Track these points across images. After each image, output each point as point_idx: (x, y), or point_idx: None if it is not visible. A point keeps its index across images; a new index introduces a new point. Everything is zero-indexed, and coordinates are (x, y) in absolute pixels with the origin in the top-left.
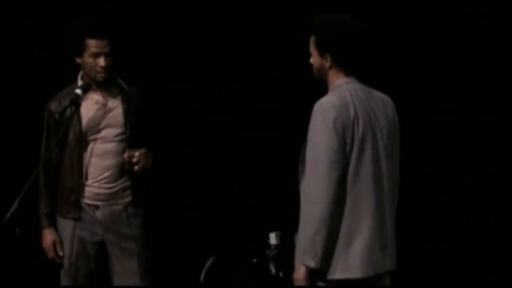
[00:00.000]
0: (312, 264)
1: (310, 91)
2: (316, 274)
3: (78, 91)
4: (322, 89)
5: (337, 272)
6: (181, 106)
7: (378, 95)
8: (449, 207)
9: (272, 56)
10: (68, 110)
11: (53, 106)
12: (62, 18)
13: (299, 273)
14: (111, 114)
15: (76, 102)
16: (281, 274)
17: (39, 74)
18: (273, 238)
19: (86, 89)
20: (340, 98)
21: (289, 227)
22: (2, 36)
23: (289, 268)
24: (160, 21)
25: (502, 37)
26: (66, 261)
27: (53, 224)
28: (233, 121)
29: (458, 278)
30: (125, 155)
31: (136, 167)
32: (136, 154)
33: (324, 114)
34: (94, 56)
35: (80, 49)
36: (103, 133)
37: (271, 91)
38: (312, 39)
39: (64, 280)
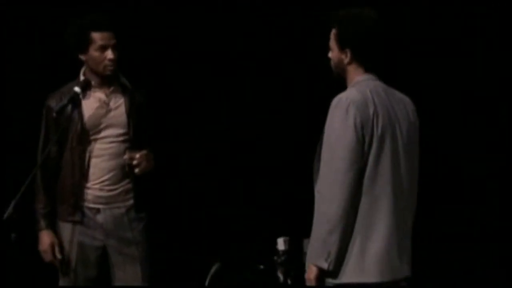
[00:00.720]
0: (325, 265)
1: (315, 92)
2: (328, 276)
3: (77, 89)
4: (325, 89)
5: (351, 275)
6: (185, 106)
7: (398, 94)
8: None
9: (276, 56)
10: (67, 108)
11: (52, 103)
12: (62, 17)
13: (311, 274)
14: (113, 113)
15: (75, 100)
16: (289, 281)
17: (39, 74)
18: (281, 244)
19: (85, 86)
20: (360, 94)
21: (298, 232)
22: (2, 36)
23: (298, 275)
24: (161, 21)
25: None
26: (65, 267)
27: (51, 226)
28: (239, 122)
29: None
30: (125, 157)
31: (136, 170)
32: (137, 155)
33: (342, 109)
34: (101, 49)
35: (85, 44)
36: (105, 132)
37: (275, 91)
38: (333, 32)
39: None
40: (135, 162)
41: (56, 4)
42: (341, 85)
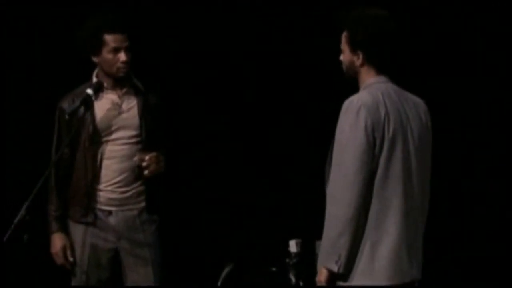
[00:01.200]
0: (335, 268)
1: (325, 92)
2: (339, 278)
3: (89, 91)
4: (330, 89)
5: (361, 278)
6: (196, 107)
7: (411, 97)
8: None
9: (276, 56)
10: (80, 110)
11: (65, 104)
12: (62, 18)
13: (321, 276)
14: (125, 115)
15: (87, 102)
16: (301, 283)
17: (39, 74)
18: (293, 246)
19: (98, 88)
20: (371, 97)
21: (310, 234)
22: (2, 36)
23: (310, 277)
24: (163, 21)
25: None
26: (77, 269)
27: (63, 229)
28: (248, 124)
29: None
30: (135, 159)
31: (145, 171)
32: (146, 157)
33: (353, 112)
34: (114, 51)
35: (98, 46)
36: (117, 134)
37: (283, 91)
38: (345, 34)
39: None
40: (144, 164)
41: (56, 4)
42: (352, 86)
